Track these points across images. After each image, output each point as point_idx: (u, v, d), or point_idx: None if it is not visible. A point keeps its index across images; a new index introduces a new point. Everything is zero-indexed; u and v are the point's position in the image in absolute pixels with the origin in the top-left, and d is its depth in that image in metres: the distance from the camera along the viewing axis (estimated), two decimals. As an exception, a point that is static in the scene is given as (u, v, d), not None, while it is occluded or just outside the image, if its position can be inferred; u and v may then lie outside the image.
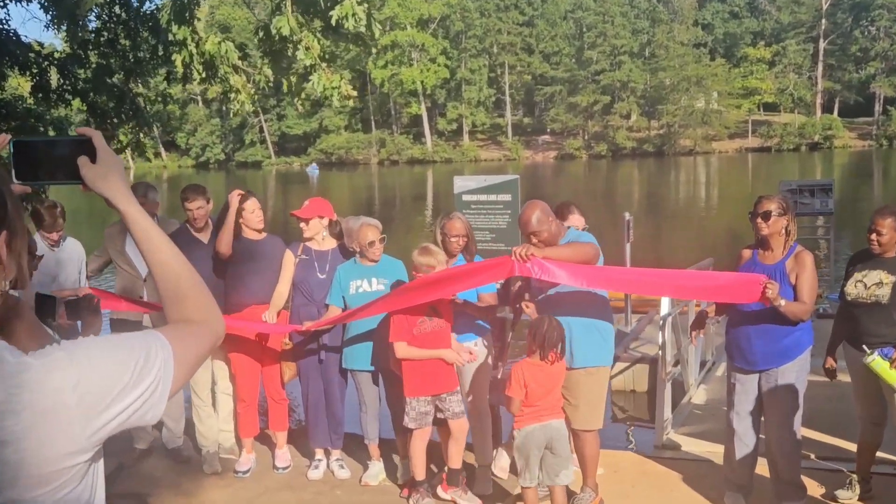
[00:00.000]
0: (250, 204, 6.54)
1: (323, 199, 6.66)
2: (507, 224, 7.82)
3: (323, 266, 6.44)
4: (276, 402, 6.84)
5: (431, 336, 5.70)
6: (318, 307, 6.37)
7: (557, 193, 42.94)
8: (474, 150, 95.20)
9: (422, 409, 5.77)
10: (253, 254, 6.52)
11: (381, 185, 62.98)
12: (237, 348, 6.58)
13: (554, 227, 5.52)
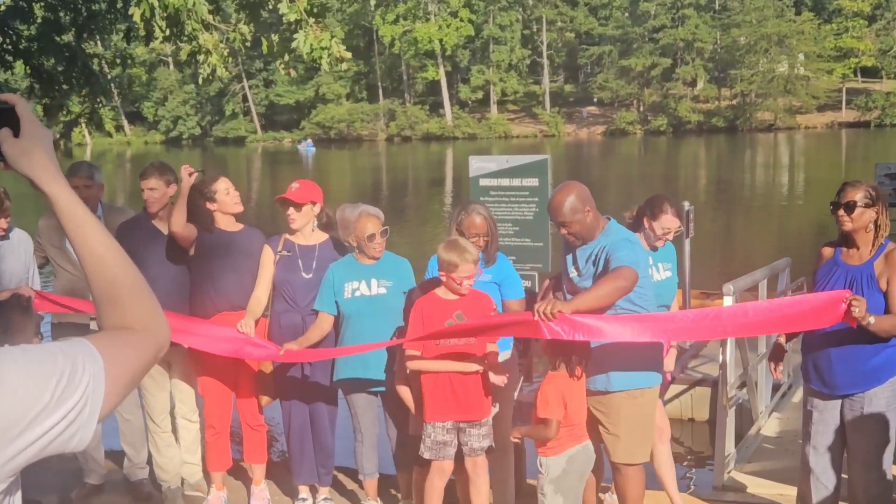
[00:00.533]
0: (222, 184, 6.59)
1: (311, 181, 6.70)
2: (533, 215, 7.79)
3: (309, 264, 6.46)
4: (253, 428, 6.85)
5: (458, 353, 5.66)
6: (302, 314, 6.39)
7: (604, 178, 42.90)
8: (504, 124, 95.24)
9: (440, 438, 5.73)
10: (227, 248, 6.55)
11: (390, 166, 63.11)
12: (204, 363, 6.61)
13: (590, 218, 5.49)
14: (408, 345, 5.68)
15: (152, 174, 6.68)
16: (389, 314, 6.21)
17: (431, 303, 5.73)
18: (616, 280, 5.11)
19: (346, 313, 6.25)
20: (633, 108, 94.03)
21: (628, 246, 5.37)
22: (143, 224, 6.72)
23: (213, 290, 6.52)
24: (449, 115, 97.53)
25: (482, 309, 5.74)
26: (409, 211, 32.50)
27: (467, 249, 5.57)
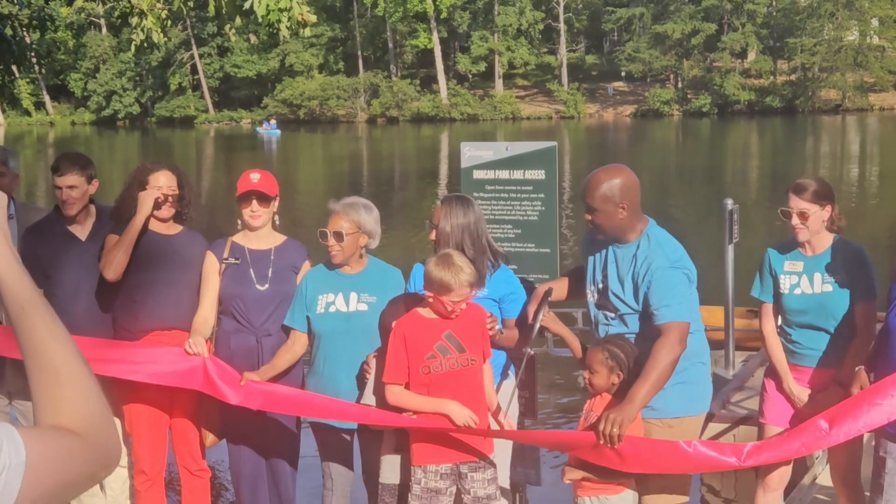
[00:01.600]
0: (162, 177, 6.56)
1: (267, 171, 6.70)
2: (539, 215, 7.77)
3: (263, 273, 6.46)
4: (193, 474, 6.83)
5: (451, 379, 5.64)
6: (257, 335, 6.40)
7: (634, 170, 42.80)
8: (512, 102, 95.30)
9: (432, 485, 5.71)
10: (161, 255, 6.54)
11: (373, 153, 63.10)
12: (133, 394, 6.57)
13: (623, 217, 5.58)
14: (388, 377, 5.65)
15: (71, 169, 6.60)
16: (369, 337, 6.13)
17: (413, 324, 5.69)
18: (671, 351, 5.35)
19: (318, 332, 6.26)
20: (669, 85, 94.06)
21: (677, 280, 5.52)
22: (54, 228, 6.70)
23: (142, 306, 6.50)
24: (444, 91, 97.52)
25: (475, 325, 5.74)
26: (396, 209, 32.48)
27: (463, 269, 5.51)
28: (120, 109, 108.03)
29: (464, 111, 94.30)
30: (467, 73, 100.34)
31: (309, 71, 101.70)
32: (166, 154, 62.99)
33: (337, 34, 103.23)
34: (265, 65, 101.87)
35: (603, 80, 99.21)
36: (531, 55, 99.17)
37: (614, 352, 5.44)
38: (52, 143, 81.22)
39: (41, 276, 6.54)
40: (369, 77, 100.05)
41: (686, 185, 37.56)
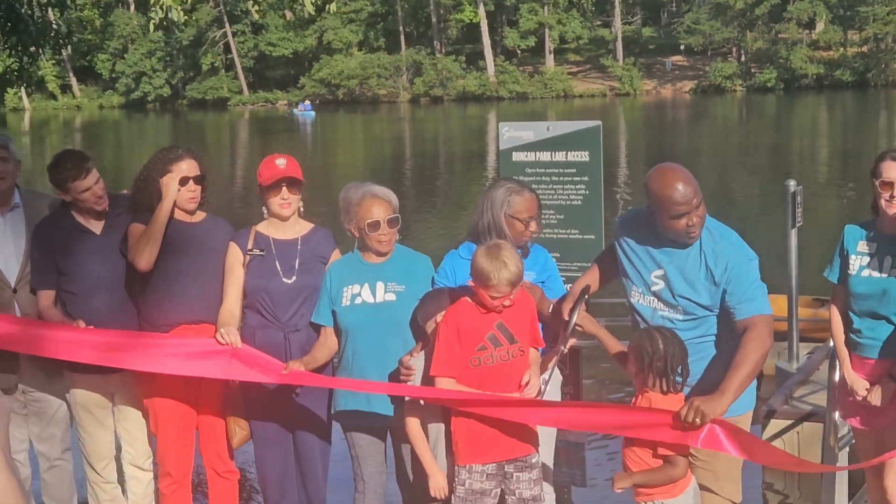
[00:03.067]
0: (185, 165, 6.54)
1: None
2: (583, 199, 7.75)
3: (290, 265, 6.46)
4: (221, 475, 6.87)
5: (501, 371, 5.67)
6: (285, 331, 6.40)
7: (694, 149, 42.63)
8: (563, 79, 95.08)
9: (477, 486, 5.73)
10: (185, 244, 6.55)
11: (415, 135, 63.14)
12: (158, 392, 6.62)
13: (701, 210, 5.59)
14: (437, 370, 5.66)
15: (85, 168, 6.57)
16: (398, 328, 6.17)
17: (466, 313, 5.71)
18: (763, 345, 5.37)
19: (344, 325, 6.25)
20: (731, 58, 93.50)
21: (754, 273, 5.55)
22: (66, 223, 6.71)
23: (167, 298, 6.52)
24: (491, 68, 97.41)
25: (525, 313, 5.76)
26: (440, 194, 32.50)
27: (507, 266, 5.50)
28: (150, 91, 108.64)
29: (512, 89, 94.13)
30: (516, 49, 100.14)
31: (348, 48, 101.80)
32: (199, 138, 63.34)
33: (377, 9, 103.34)
34: (302, 42, 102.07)
35: (660, 55, 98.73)
36: (584, 28, 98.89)
37: (642, 344, 5.42)
38: (79, 128, 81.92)
39: (56, 274, 6.60)
40: (412, 54, 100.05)
41: (749, 165, 37.27)
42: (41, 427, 6.99)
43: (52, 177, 6.57)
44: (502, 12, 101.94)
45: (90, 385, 6.71)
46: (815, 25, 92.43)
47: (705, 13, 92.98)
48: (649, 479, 5.45)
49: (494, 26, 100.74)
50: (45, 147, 58.17)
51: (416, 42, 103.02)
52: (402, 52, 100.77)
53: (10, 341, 6.49)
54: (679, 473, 5.41)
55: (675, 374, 5.40)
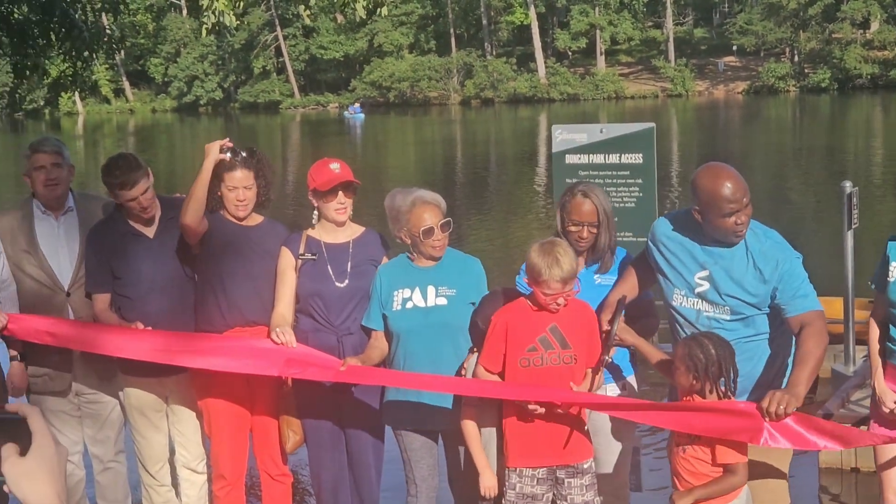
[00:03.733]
0: (238, 175, 6.54)
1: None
2: (636, 201, 7.73)
3: (342, 268, 6.47)
4: (275, 479, 6.90)
5: (551, 375, 5.67)
6: (338, 334, 6.41)
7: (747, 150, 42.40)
8: (615, 81, 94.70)
9: (528, 491, 5.74)
10: (241, 246, 6.59)
11: (466, 137, 63.14)
12: (213, 394, 6.66)
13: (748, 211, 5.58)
14: (483, 361, 5.73)
15: (138, 175, 6.57)
16: (449, 332, 6.19)
17: (518, 313, 5.75)
18: (823, 339, 5.42)
19: (395, 330, 6.25)
20: (784, 59, 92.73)
21: (802, 269, 5.57)
22: (120, 228, 6.74)
23: (222, 300, 6.55)
24: (542, 70, 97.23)
25: (584, 324, 5.76)
26: (491, 196, 32.46)
27: (559, 262, 5.52)
28: (202, 95, 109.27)
29: (563, 91, 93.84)
30: (567, 50, 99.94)
31: (399, 51, 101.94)
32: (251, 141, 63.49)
33: (428, 11, 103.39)
34: (353, 45, 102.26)
35: (713, 55, 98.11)
36: (635, 30, 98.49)
37: (693, 351, 5.38)
38: (132, 132, 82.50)
39: (110, 277, 6.64)
40: (462, 56, 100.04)
41: (803, 166, 36.98)
42: (95, 429, 7.04)
43: (103, 178, 6.63)
44: (553, 14, 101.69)
45: (144, 387, 6.77)
46: (870, 25, 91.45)
47: (758, 13, 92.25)
48: (711, 492, 5.41)
49: (545, 28, 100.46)
50: (98, 151, 58.73)
51: (467, 44, 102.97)
52: (452, 55, 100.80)
53: (65, 340, 6.56)
54: (740, 481, 5.39)
55: (728, 377, 5.40)
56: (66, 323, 6.67)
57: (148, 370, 6.55)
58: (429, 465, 6.40)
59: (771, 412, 5.17)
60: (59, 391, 6.88)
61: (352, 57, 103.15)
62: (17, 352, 6.81)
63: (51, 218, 6.82)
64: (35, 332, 6.60)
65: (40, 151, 6.74)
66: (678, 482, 5.53)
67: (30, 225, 6.82)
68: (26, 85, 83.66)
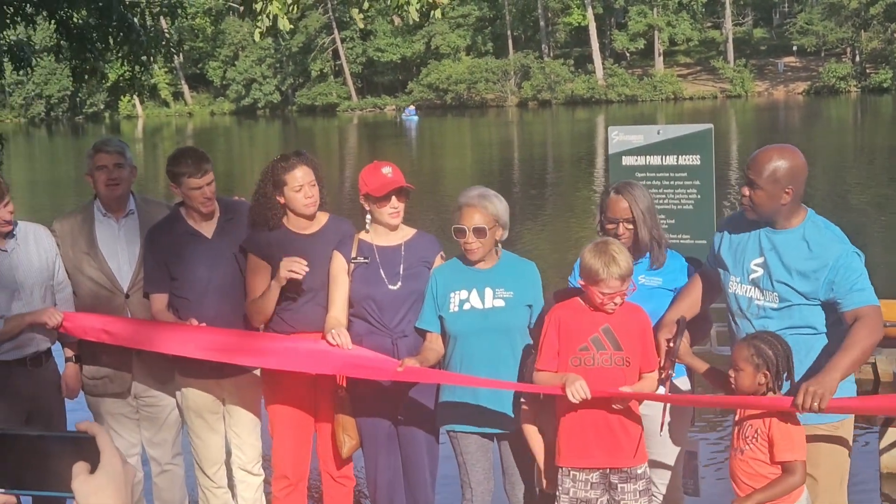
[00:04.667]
0: (298, 174, 6.53)
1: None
2: (694, 203, 7.67)
3: (394, 271, 6.45)
4: (337, 481, 6.93)
5: (601, 376, 5.64)
6: (393, 337, 6.40)
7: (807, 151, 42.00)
8: (673, 82, 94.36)
9: (581, 495, 5.73)
10: (302, 255, 6.50)
11: (523, 139, 63.06)
12: (277, 395, 6.70)
13: (786, 201, 5.55)
14: (538, 363, 5.73)
15: (205, 165, 6.64)
16: (507, 333, 6.18)
17: (572, 311, 5.76)
18: (873, 333, 5.36)
19: (453, 332, 6.25)
20: (845, 59, 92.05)
21: (861, 264, 5.52)
22: (178, 227, 6.78)
23: (283, 310, 6.56)
24: (600, 71, 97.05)
25: (637, 327, 5.76)
26: (548, 198, 32.39)
27: (616, 260, 5.56)
28: (260, 98, 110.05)
29: (621, 92, 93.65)
30: (624, 52, 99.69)
31: (456, 53, 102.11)
32: (308, 144, 63.89)
33: (485, 13, 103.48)
34: (410, 48, 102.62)
35: (772, 56, 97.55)
36: (694, 30, 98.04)
37: (761, 348, 5.35)
38: (190, 135, 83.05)
39: (168, 278, 6.69)
40: (520, 58, 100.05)
41: (865, 167, 36.60)
42: (153, 432, 7.09)
43: (169, 169, 6.65)
44: (611, 15, 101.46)
45: (201, 388, 6.81)
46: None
47: (818, 13, 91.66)
48: (771, 494, 5.37)
49: (603, 29, 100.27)
50: (157, 154, 59.18)
51: (524, 46, 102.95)
52: (509, 57, 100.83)
53: (121, 338, 6.61)
54: (799, 481, 5.34)
55: (792, 374, 5.43)
56: (122, 321, 6.71)
57: (205, 371, 6.60)
58: (484, 468, 6.38)
59: (806, 409, 5.14)
60: (118, 393, 6.93)
61: (409, 59, 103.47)
62: (73, 353, 6.89)
63: (111, 220, 6.87)
64: (91, 331, 6.65)
65: (103, 151, 6.79)
66: (737, 487, 5.50)
67: (90, 227, 6.87)
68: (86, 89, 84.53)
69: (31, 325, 6.55)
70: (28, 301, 6.60)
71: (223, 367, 6.50)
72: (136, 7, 12.65)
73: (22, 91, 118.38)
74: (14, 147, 61.80)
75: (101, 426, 2.09)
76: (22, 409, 6.71)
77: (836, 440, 5.66)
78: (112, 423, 6.99)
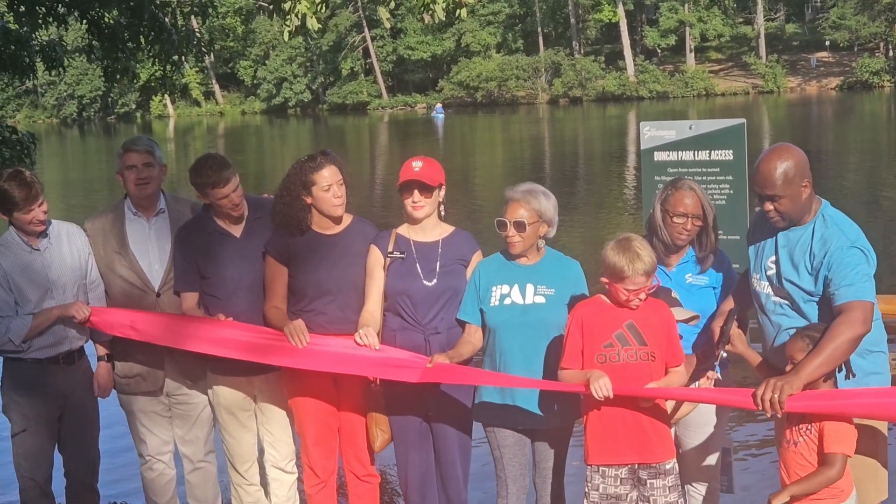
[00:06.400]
0: (326, 174, 6.52)
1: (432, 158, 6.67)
2: (727, 199, 7.63)
3: (431, 267, 6.45)
4: (361, 479, 6.91)
5: (629, 371, 5.65)
6: (425, 333, 6.39)
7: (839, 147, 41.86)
8: (704, 78, 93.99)
9: (611, 491, 5.72)
10: (325, 256, 6.59)
11: (554, 137, 62.97)
12: (302, 391, 6.68)
13: (806, 195, 5.53)
14: (563, 362, 5.74)
15: (229, 174, 6.61)
16: (546, 330, 6.17)
17: (594, 308, 5.78)
18: (852, 328, 5.28)
19: (492, 325, 6.25)
20: (878, 54, 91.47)
21: (857, 259, 5.45)
22: (207, 227, 6.79)
23: (310, 313, 6.55)
24: (631, 68, 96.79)
25: (661, 323, 5.75)
26: (580, 195, 32.32)
27: (640, 256, 5.58)
28: (290, 97, 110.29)
29: (652, 88, 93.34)
30: (656, 48, 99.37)
31: (486, 51, 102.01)
32: (339, 142, 64.01)
33: (515, 10, 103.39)
34: (440, 45, 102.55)
35: (805, 51, 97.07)
36: (725, 26, 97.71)
37: (816, 339, 5.32)
38: (222, 134, 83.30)
39: (198, 276, 6.71)
40: (550, 55, 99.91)
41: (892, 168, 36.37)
42: (185, 429, 7.11)
43: (192, 180, 6.65)
44: (642, 11, 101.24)
45: (233, 385, 6.82)
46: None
47: (851, 8, 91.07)
48: (806, 487, 5.33)
49: (634, 25, 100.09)
50: (189, 153, 59.37)
51: (555, 43, 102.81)
52: (540, 54, 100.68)
53: (148, 334, 6.66)
54: (836, 474, 5.28)
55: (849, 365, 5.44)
56: (149, 316, 6.75)
57: (237, 369, 6.63)
58: (520, 463, 6.36)
59: (763, 399, 5.16)
60: (150, 391, 6.96)
61: (439, 57, 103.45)
62: (105, 352, 6.92)
63: (142, 219, 6.89)
64: (118, 326, 6.70)
65: (132, 150, 6.82)
66: (786, 477, 5.47)
67: (121, 226, 6.91)
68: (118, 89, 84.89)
69: (59, 319, 6.61)
70: (61, 300, 6.65)
71: (254, 364, 6.51)
72: (168, 7, 12.69)
73: (54, 91, 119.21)
74: (47, 147, 62.21)
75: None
76: (56, 407, 6.79)
77: (865, 442, 5.57)
78: (145, 420, 7.04)
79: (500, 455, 6.35)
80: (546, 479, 6.36)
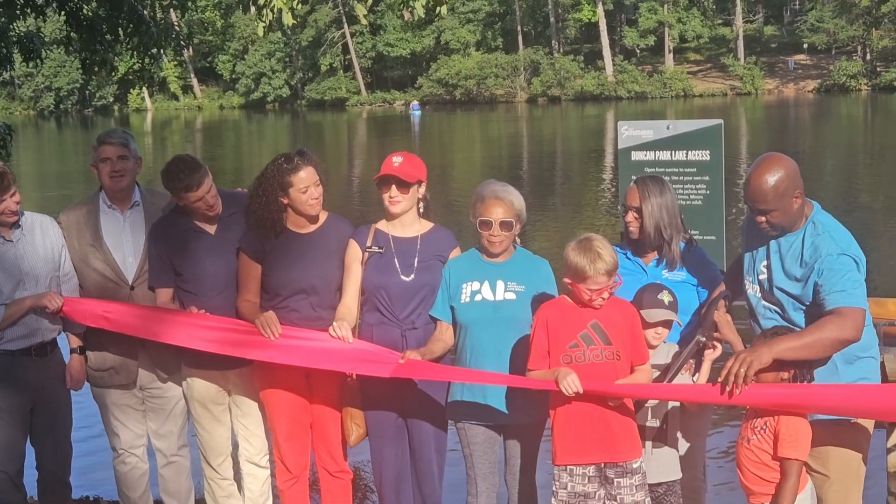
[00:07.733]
0: (305, 175, 6.48)
1: (414, 154, 6.67)
2: (703, 199, 7.66)
3: (408, 262, 6.45)
4: (333, 475, 6.88)
5: (595, 371, 5.65)
6: (402, 328, 6.40)
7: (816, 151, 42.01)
8: (683, 78, 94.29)
9: (579, 489, 5.72)
10: (299, 255, 6.58)
11: (532, 135, 63.05)
12: (274, 385, 6.66)
13: (798, 205, 5.53)
14: (530, 364, 5.76)
15: (200, 177, 6.55)
16: (517, 326, 6.18)
17: (559, 309, 5.80)
18: (839, 330, 5.30)
19: (463, 322, 6.27)
20: (856, 57, 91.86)
21: (848, 266, 5.44)
22: (180, 224, 6.76)
23: (284, 310, 6.52)
24: (610, 67, 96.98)
25: (625, 320, 5.78)
26: (557, 195, 32.39)
27: (601, 256, 5.59)
28: (269, 92, 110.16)
29: (631, 89, 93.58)
30: (635, 48, 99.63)
31: (466, 48, 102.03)
32: (317, 138, 63.94)
33: (495, 8, 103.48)
34: (419, 43, 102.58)
35: (783, 53, 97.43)
36: (704, 27, 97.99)
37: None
38: (199, 128, 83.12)
39: (172, 272, 6.70)
40: (529, 54, 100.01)
41: (875, 166, 36.54)
42: (158, 423, 7.09)
43: (165, 184, 6.63)
44: (621, 11, 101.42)
45: (207, 379, 6.81)
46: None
47: (829, 11, 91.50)
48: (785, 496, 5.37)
49: (613, 25, 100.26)
50: (166, 147, 59.29)
51: (534, 42, 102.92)
52: (519, 52, 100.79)
53: (121, 325, 6.63)
54: (794, 483, 5.31)
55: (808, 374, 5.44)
56: (122, 307, 6.72)
57: (211, 362, 6.61)
58: (490, 461, 6.38)
59: (732, 373, 5.20)
60: (123, 384, 6.93)
61: (418, 54, 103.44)
62: (78, 344, 6.90)
63: (117, 212, 6.87)
64: (91, 316, 6.68)
65: (107, 143, 6.79)
66: (742, 475, 5.52)
67: (96, 219, 6.88)
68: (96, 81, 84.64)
69: (32, 309, 6.58)
70: (34, 291, 6.62)
71: (229, 358, 6.50)
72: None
73: (31, 83, 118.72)
74: (23, 139, 61.91)
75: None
76: (28, 399, 6.75)
77: (848, 436, 5.61)
78: (118, 414, 7.01)
79: (469, 453, 6.37)
80: (516, 477, 6.36)
